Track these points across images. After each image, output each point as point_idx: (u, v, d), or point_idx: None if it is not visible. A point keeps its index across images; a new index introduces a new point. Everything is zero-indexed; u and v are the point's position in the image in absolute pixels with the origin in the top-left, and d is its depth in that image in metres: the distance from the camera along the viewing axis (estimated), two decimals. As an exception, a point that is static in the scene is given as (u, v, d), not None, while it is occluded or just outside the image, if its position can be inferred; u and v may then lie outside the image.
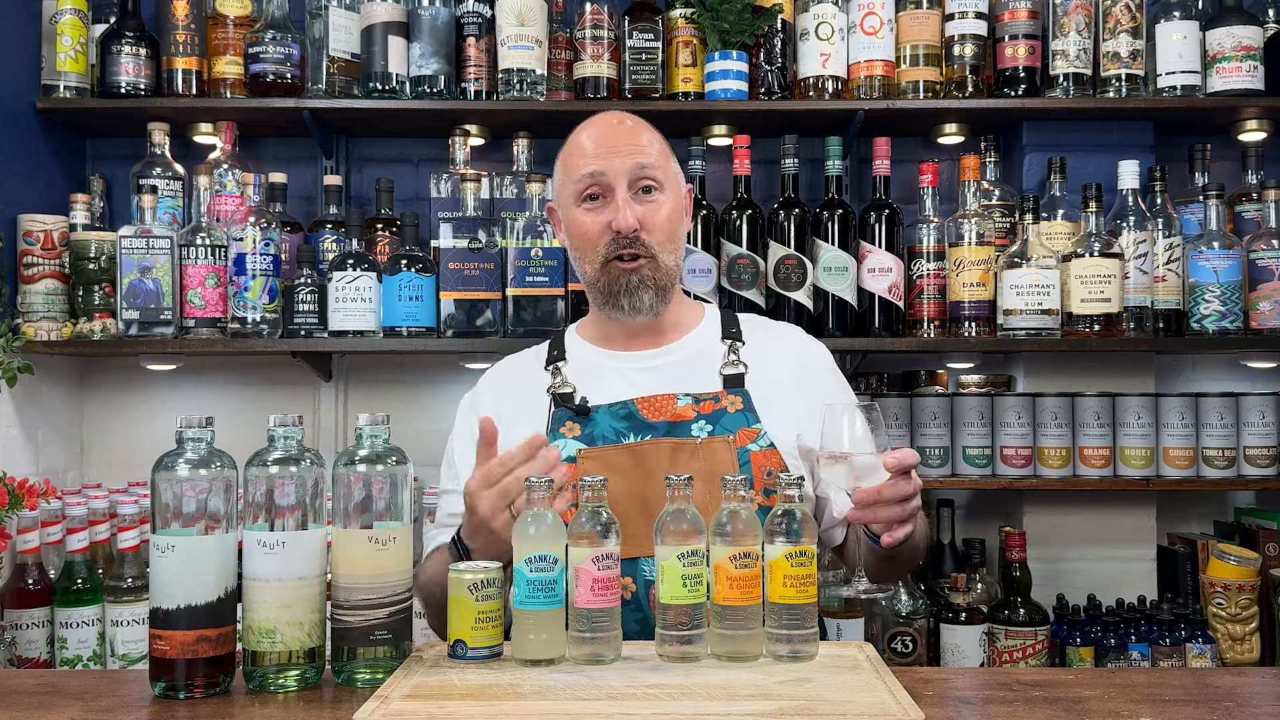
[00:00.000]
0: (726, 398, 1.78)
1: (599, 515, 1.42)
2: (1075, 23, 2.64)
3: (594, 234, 1.78)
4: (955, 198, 2.73)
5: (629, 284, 1.78)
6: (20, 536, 2.15)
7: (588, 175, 1.77)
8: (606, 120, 1.84)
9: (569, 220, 1.83)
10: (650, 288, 1.79)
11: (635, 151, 1.78)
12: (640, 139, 1.81)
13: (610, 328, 1.87)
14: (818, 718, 1.20)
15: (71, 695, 1.38)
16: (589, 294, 1.87)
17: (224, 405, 2.86)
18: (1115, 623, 2.54)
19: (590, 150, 1.79)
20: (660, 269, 1.79)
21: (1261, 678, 1.57)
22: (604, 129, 1.82)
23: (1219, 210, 2.60)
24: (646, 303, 1.79)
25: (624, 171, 1.76)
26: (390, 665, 1.40)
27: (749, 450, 1.73)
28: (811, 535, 1.43)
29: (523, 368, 1.93)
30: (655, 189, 1.79)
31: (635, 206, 1.76)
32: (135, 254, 2.47)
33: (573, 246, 1.84)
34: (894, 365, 2.95)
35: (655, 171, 1.79)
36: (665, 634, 1.42)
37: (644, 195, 1.78)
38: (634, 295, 1.78)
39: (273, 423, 1.43)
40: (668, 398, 1.78)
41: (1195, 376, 2.95)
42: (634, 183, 1.77)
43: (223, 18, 2.65)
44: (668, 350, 1.86)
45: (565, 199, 1.83)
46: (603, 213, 1.77)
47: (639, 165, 1.77)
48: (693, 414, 1.76)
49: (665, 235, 1.79)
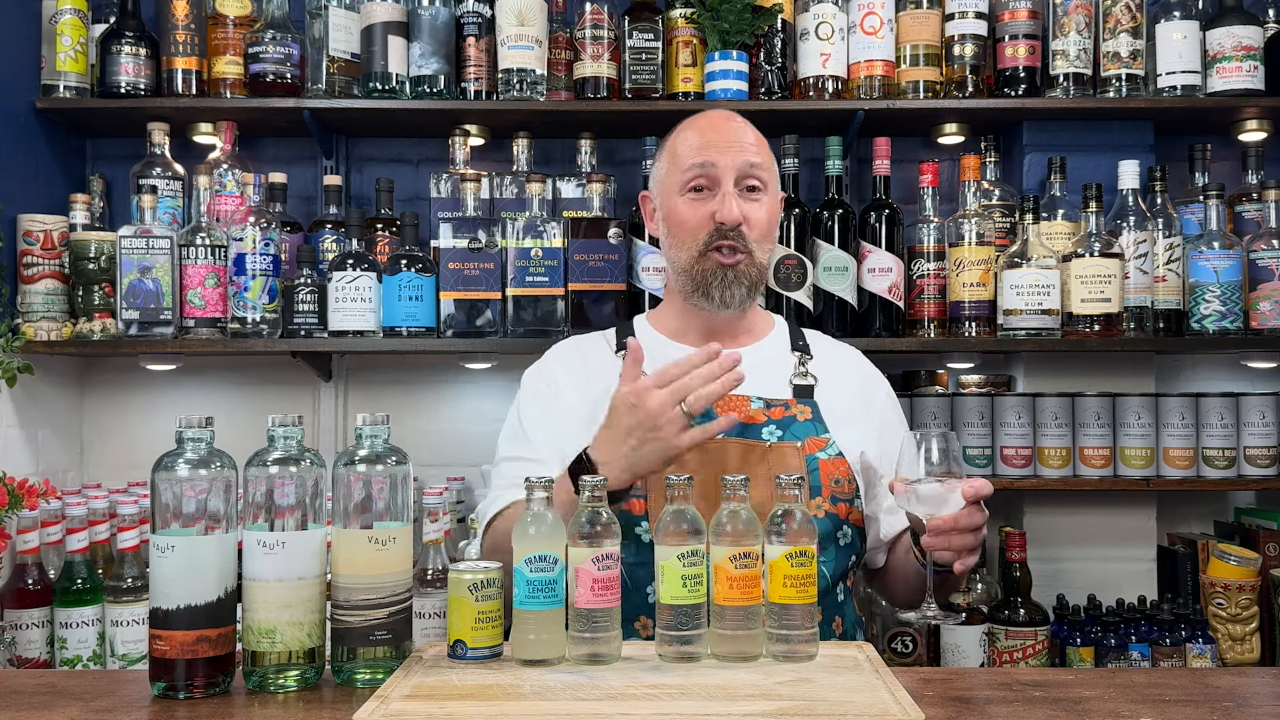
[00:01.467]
0: (796, 406, 1.81)
1: (599, 515, 1.42)
2: (1075, 23, 2.64)
3: (695, 223, 1.81)
4: (955, 198, 2.73)
5: (724, 277, 1.80)
6: (20, 536, 2.15)
7: (696, 166, 1.80)
8: (717, 115, 1.88)
9: (669, 209, 1.85)
10: (744, 284, 1.82)
11: (745, 149, 1.82)
12: (750, 137, 1.85)
13: (689, 322, 1.89)
14: (818, 718, 1.20)
15: (71, 695, 1.38)
16: (678, 283, 1.87)
17: (224, 405, 2.86)
18: (1115, 623, 2.54)
19: (700, 142, 1.82)
20: (755, 266, 1.83)
21: (1261, 678, 1.57)
22: (715, 123, 1.85)
23: (1219, 210, 2.60)
24: (738, 298, 1.82)
25: (733, 166, 1.80)
26: (390, 665, 1.40)
27: (817, 458, 1.76)
28: (812, 536, 1.43)
29: (592, 348, 1.93)
30: (759, 188, 1.82)
31: (740, 203, 1.79)
32: (135, 254, 2.47)
33: (669, 234, 1.86)
34: (894, 365, 2.95)
35: (762, 171, 1.82)
36: (665, 634, 1.42)
37: (749, 193, 1.81)
38: (727, 289, 1.81)
39: (273, 423, 1.43)
40: (741, 399, 1.78)
41: (1195, 376, 2.95)
42: (741, 179, 1.80)
43: (223, 18, 2.65)
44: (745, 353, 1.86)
45: (668, 187, 1.86)
46: (706, 204, 1.80)
47: (748, 163, 1.81)
48: (764, 418, 1.78)
49: (763, 234, 1.83)
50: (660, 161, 1.91)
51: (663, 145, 1.92)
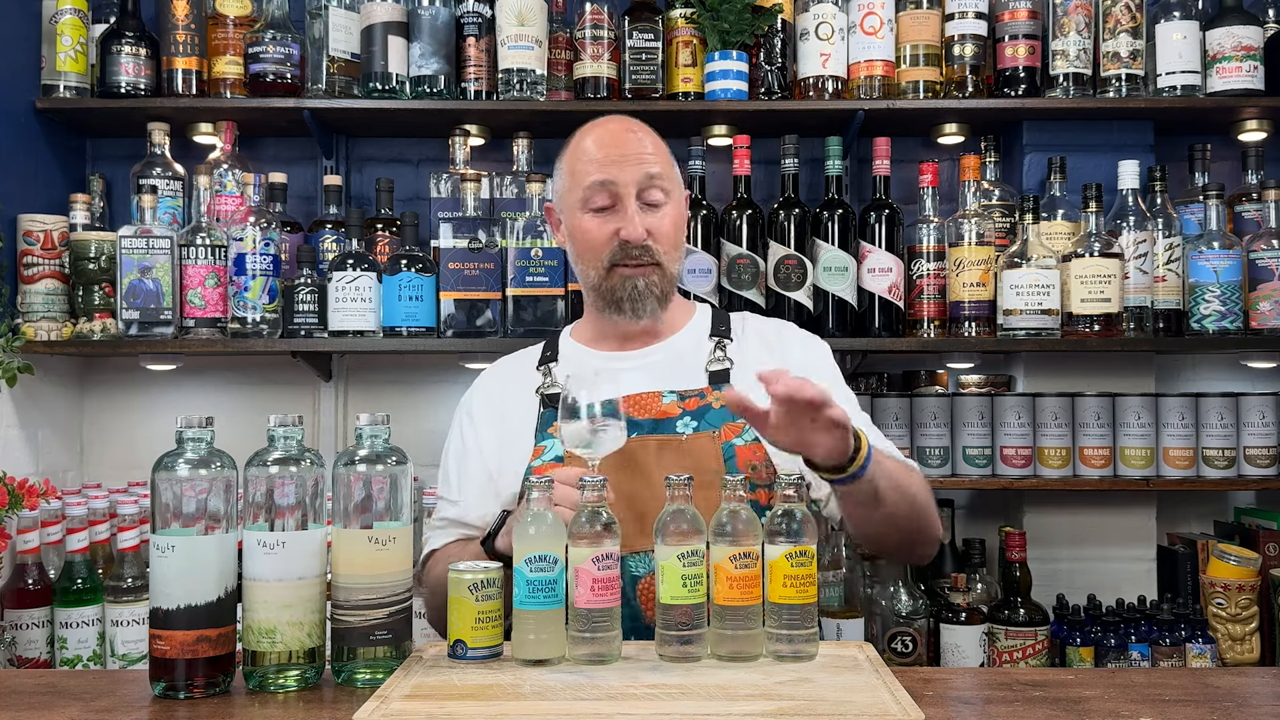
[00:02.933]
0: (711, 394, 1.79)
1: (599, 515, 1.42)
2: (1075, 23, 2.64)
3: (600, 241, 1.79)
4: (955, 198, 2.73)
5: (635, 290, 1.79)
6: (20, 536, 2.15)
7: (597, 184, 1.78)
8: (613, 126, 1.84)
9: (573, 226, 1.83)
10: (654, 295, 1.81)
11: (644, 160, 1.79)
12: (648, 146, 1.82)
13: (604, 329, 1.89)
14: (817, 718, 1.20)
15: (71, 695, 1.38)
16: (588, 298, 1.88)
17: (224, 405, 2.86)
18: (1115, 623, 2.54)
19: (599, 157, 1.79)
20: (665, 276, 1.81)
21: (1261, 678, 1.57)
22: (612, 136, 1.82)
23: (1219, 210, 2.60)
24: (649, 309, 1.81)
25: (633, 181, 1.77)
26: (390, 665, 1.40)
27: (734, 445, 1.73)
28: (812, 535, 1.43)
29: (515, 368, 1.94)
30: (662, 200, 1.80)
31: (644, 216, 1.78)
32: (135, 254, 2.47)
33: (576, 251, 1.85)
34: (894, 365, 2.95)
35: (663, 181, 1.80)
36: (665, 634, 1.42)
37: (650, 206, 1.79)
38: (638, 301, 1.80)
39: (273, 423, 1.43)
40: (653, 395, 1.78)
41: (1195, 376, 2.95)
42: (642, 192, 1.78)
43: (223, 18, 2.65)
44: (654, 350, 1.87)
45: (570, 204, 1.83)
46: (610, 221, 1.78)
47: (648, 175, 1.78)
48: (678, 411, 1.77)
49: (671, 244, 1.81)
50: (560, 175, 1.87)
51: (561, 157, 1.87)
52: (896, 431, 2.69)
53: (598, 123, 1.86)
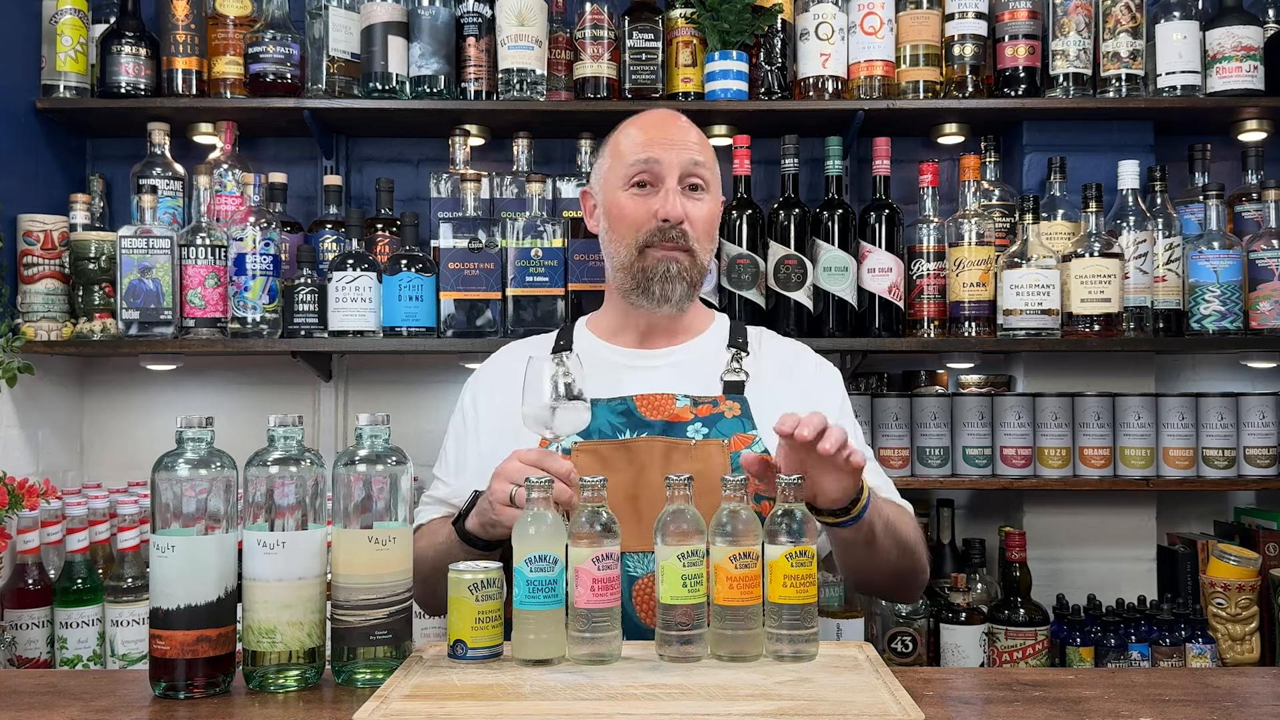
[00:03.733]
0: (725, 403, 1.78)
1: (599, 515, 1.42)
2: (1075, 23, 2.64)
3: (637, 219, 1.80)
4: (955, 198, 2.73)
5: (666, 272, 1.79)
6: (20, 536, 2.15)
7: (641, 161, 1.80)
8: (662, 113, 1.88)
9: (611, 203, 1.84)
10: (684, 280, 1.81)
11: (689, 147, 1.82)
12: (694, 136, 1.85)
13: (626, 321, 1.88)
14: (817, 718, 1.20)
15: (71, 695, 1.38)
16: (617, 280, 1.86)
17: (224, 405, 2.86)
18: (1115, 623, 2.54)
19: (645, 139, 1.82)
20: (696, 264, 1.82)
21: (1261, 678, 1.57)
22: (661, 120, 1.85)
23: (1219, 210, 2.60)
24: (678, 294, 1.81)
25: (677, 163, 1.80)
26: (390, 665, 1.40)
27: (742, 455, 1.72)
28: (812, 535, 1.43)
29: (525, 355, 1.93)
30: (702, 187, 1.82)
31: (683, 200, 1.79)
32: (135, 254, 2.47)
33: (610, 229, 1.85)
34: (894, 365, 2.95)
35: (705, 170, 1.83)
36: (665, 634, 1.42)
37: (691, 191, 1.81)
38: (668, 284, 1.79)
39: (273, 423, 1.43)
40: (666, 397, 1.78)
41: (1195, 376, 2.95)
42: (685, 176, 1.80)
43: (223, 18, 2.65)
44: (673, 351, 1.87)
45: (611, 183, 1.85)
46: (649, 200, 1.80)
47: (693, 160, 1.81)
48: (690, 415, 1.77)
49: (704, 233, 1.83)
50: (603, 157, 1.90)
51: (605, 142, 1.91)
52: (896, 432, 2.69)
53: (647, 112, 1.90)
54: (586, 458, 1.72)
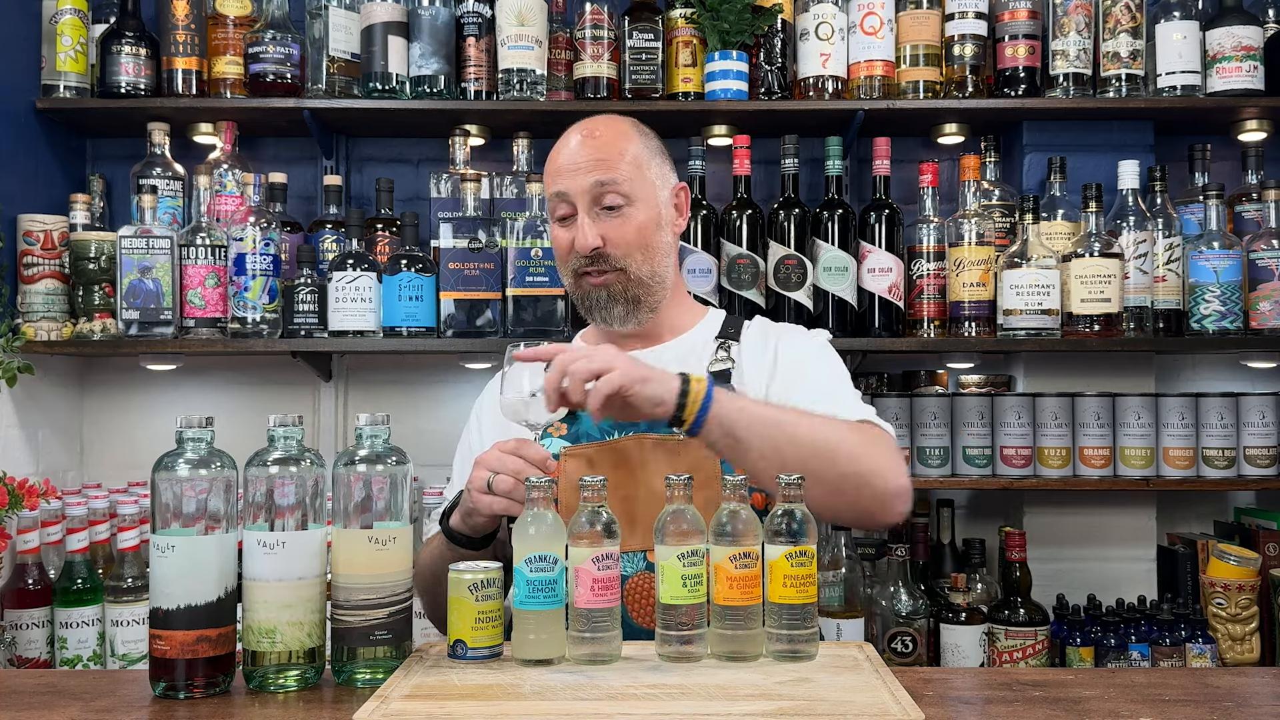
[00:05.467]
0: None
1: (599, 515, 1.42)
2: (1075, 23, 2.64)
3: (564, 250, 1.82)
4: (955, 198, 2.73)
5: (597, 299, 1.81)
6: (20, 536, 2.15)
7: (555, 195, 1.80)
8: (574, 135, 1.82)
9: (550, 233, 1.87)
10: (620, 301, 1.80)
11: (597, 168, 1.77)
12: (604, 151, 1.78)
13: (604, 332, 1.89)
14: (817, 718, 1.20)
15: (71, 695, 1.38)
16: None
17: (224, 405, 2.86)
18: (1115, 623, 2.54)
19: (557, 168, 1.81)
20: (631, 280, 1.79)
21: (1261, 678, 1.57)
22: (570, 145, 1.81)
23: (1219, 210, 2.60)
24: (617, 315, 1.81)
25: (583, 190, 1.77)
26: (390, 665, 1.40)
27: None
28: (812, 535, 1.43)
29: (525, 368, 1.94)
30: (621, 204, 1.78)
31: (598, 224, 1.77)
32: (135, 254, 2.47)
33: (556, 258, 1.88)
34: (894, 365, 2.95)
35: (620, 186, 1.77)
36: (665, 634, 1.42)
37: (608, 210, 1.77)
38: (603, 309, 1.81)
39: (273, 423, 1.43)
40: None
41: (1195, 376, 2.95)
42: (596, 200, 1.77)
43: (223, 18, 2.65)
44: (655, 351, 1.86)
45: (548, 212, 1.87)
46: (570, 230, 1.80)
47: (598, 183, 1.76)
48: None
49: (634, 247, 1.78)
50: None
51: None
52: (896, 432, 2.68)
53: (569, 131, 1.85)
54: (574, 461, 1.72)
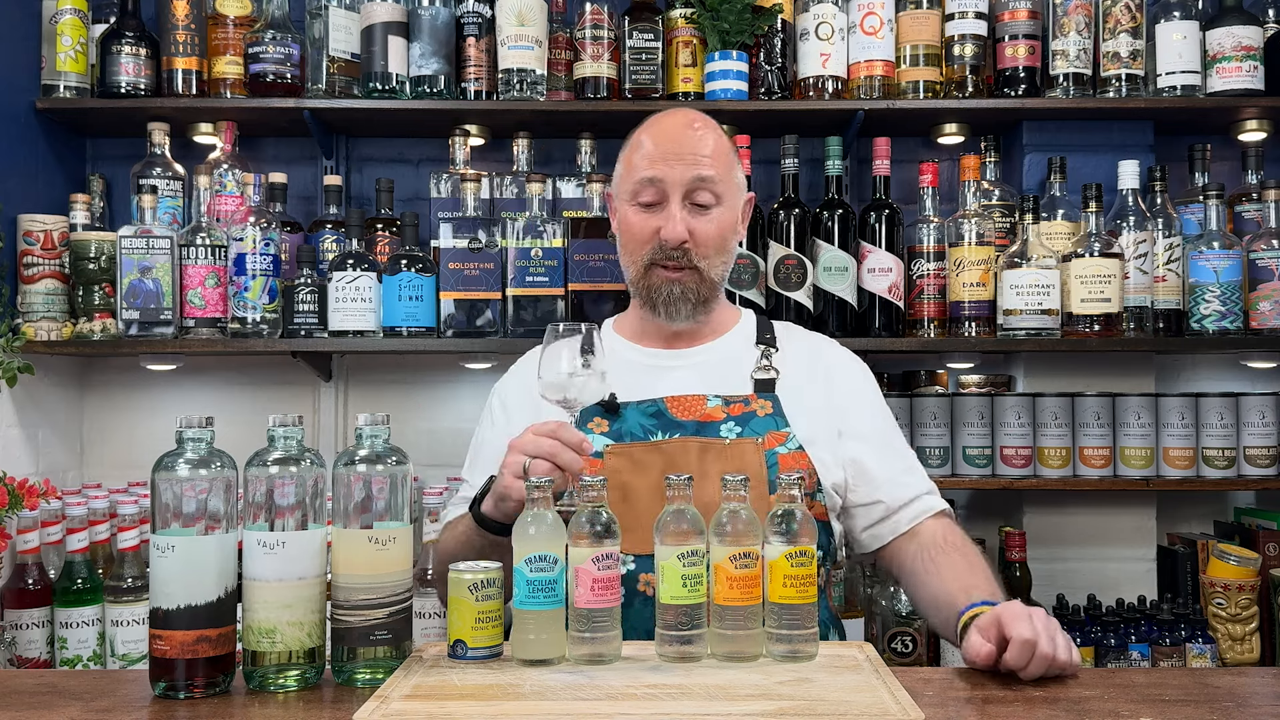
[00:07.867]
0: (756, 401, 1.79)
1: (599, 515, 1.42)
2: (1075, 23, 2.64)
3: (642, 237, 1.78)
4: (955, 198, 2.73)
5: (670, 294, 1.78)
6: (20, 536, 2.15)
7: (645, 179, 1.77)
8: (674, 121, 1.81)
9: (621, 216, 1.83)
10: (690, 299, 1.79)
11: (697, 162, 1.76)
12: (705, 147, 1.78)
13: (648, 325, 1.88)
14: (817, 718, 1.20)
15: (71, 695, 1.38)
16: (630, 290, 1.87)
17: (224, 405, 2.86)
18: (1115, 623, 2.54)
19: (652, 153, 1.78)
20: (704, 281, 1.79)
21: (1261, 678, 1.57)
22: (670, 131, 1.79)
23: (1219, 210, 2.60)
24: (684, 313, 1.80)
25: (681, 181, 1.75)
26: (390, 665, 1.40)
27: (777, 453, 1.73)
28: (811, 535, 1.43)
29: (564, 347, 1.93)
30: (711, 202, 1.78)
31: (687, 218, 1.76)
32: (135, 254, 2.47)
33: (620, 243, 1.85)
34: (894, 365, 2.95)
35: (716, 185, 1.77)
36: (665, 634, 1.42)
37: (698, 207, 1.77)
38: (672, 305, 1.79)
39: (273, 423, 1.43)
40: (697, 398, 1.78)
41: (1195, 376, 2.95)
42: (690, 194, 1.76)
43: (223, 18, 2.65)
44: (700, 351, 1.86)
45: (621, 194, 1.83)
46: (654, 217, 1.77)
47: (698, 177, 1.76)
48: (722, 415, 1.77)
49: (714, 248, 1.79)
50: (620, 163, 1.86)
51: (626, 144, 1.86)
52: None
53: (661, 115, 1.84)
54: (620, 460, 1.71)
